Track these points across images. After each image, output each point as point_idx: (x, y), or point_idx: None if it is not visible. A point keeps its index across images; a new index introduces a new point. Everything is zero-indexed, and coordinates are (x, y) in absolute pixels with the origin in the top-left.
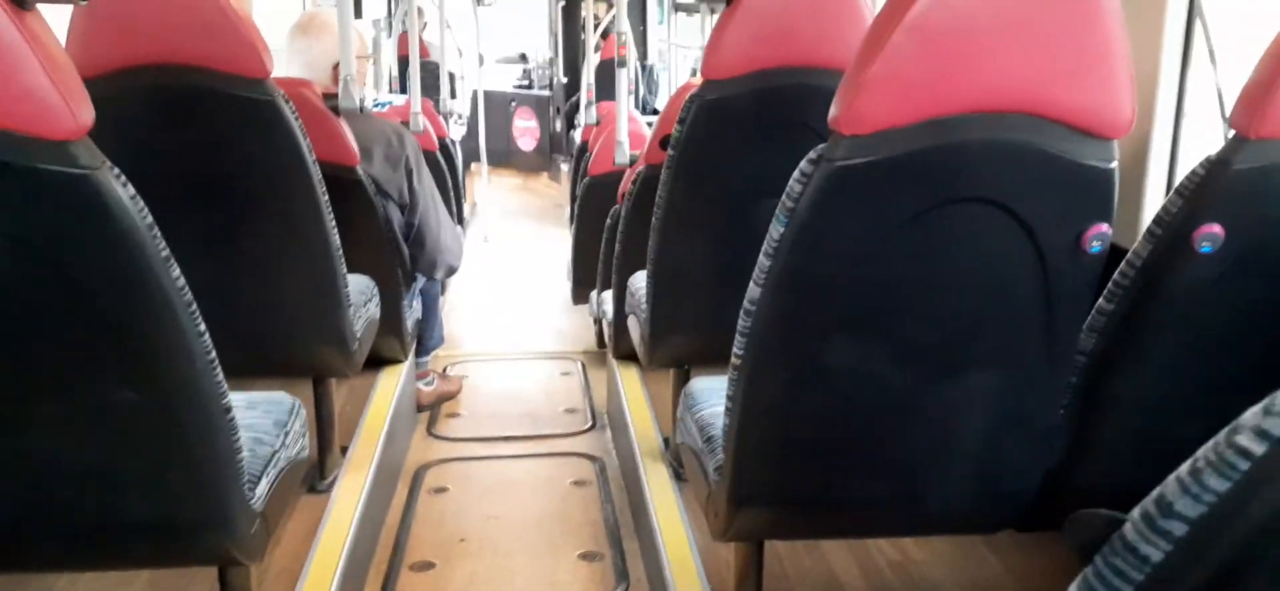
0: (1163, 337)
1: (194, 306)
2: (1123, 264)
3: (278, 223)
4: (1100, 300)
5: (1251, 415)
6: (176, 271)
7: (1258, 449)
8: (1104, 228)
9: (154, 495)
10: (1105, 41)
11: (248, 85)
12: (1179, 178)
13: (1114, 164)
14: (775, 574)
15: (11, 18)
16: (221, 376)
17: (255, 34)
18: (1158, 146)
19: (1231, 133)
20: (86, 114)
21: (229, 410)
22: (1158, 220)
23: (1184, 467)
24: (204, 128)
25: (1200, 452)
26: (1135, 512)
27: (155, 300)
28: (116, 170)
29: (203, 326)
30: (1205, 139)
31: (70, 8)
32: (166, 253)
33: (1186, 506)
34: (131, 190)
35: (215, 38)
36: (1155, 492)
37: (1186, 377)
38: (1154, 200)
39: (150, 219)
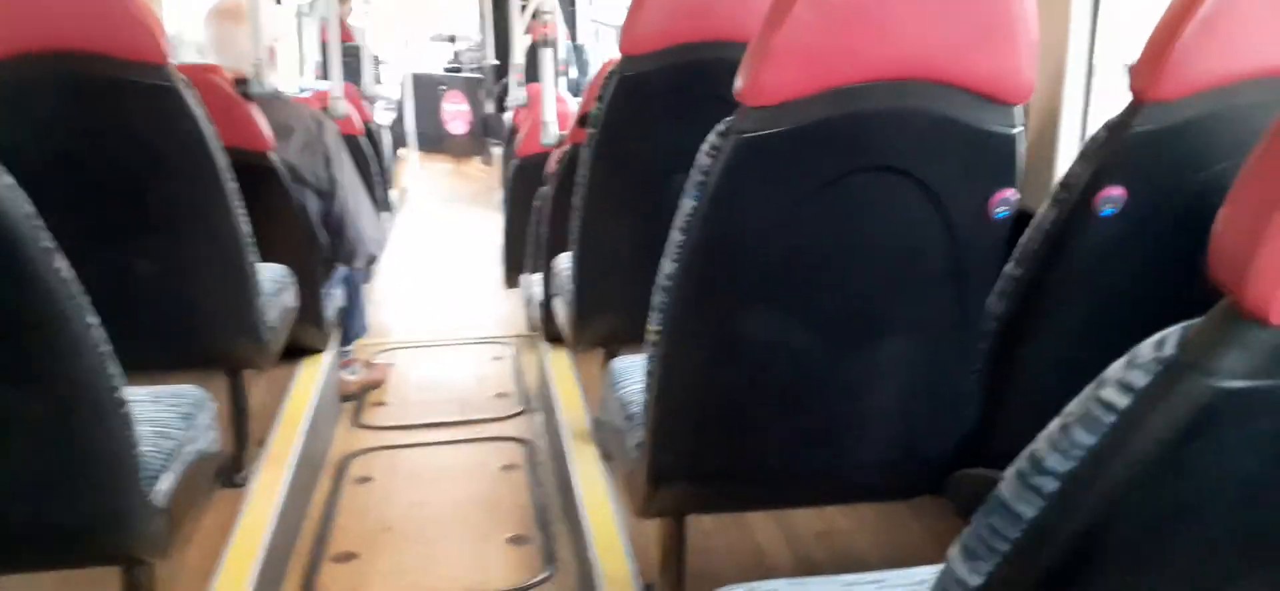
0: (1069, 300)
1: (79, 298)
2: (1029, 228)
3: (182, 211)
4: (1009, 265)
5: (1116, 368)
6: (61, 262)
7: (1121, 401)
8: (1010, 193)
9: (46, 494)
10: (1005, 8)
11: (146, 71)
12: None
13: (1017, 129)
14: (701, 549)
15: None
16: (115, 370)
17: (152, 18)
18: (1069, 114)
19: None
20: None
21: (123, 404)
22: (1063, 184)
23: (1054, 423)
24: (101, 116)
25: (1069, 407)
26: (1009, 470)
27: (36, 292)
28: None
29: (93, 318)
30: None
31: None
32: (49, 243)
33: (1056, 462)
34: (10, 179)
35: (110, 22)
36: (1027, 449)
37: (1093, 339)
38: (1065, 167)
39: (30, 208)
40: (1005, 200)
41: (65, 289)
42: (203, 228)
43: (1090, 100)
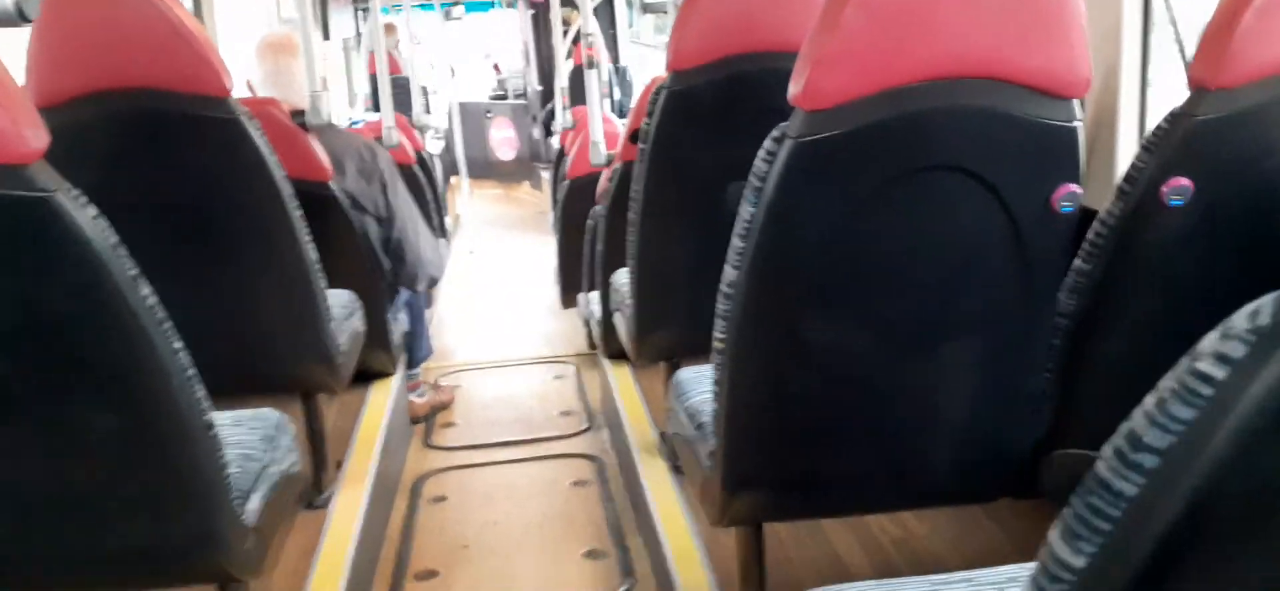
0: (1140, 293)
1: (166, 324)
2: (1095, 222)
3: (252, 241)
4: (1077, 261)
5: (1210, 340)
6: (146, 290)
7: (1219, 373)
8: (1073, 187)
9: (142, 517)
10: (1059, 1)
11: (209, 105)
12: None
13: (1077, 122)
14: (779, 558)
15: None
16: (202, 393)
17: (213, 53)
18: (1126, 106)
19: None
20: (40, 137)
21: (211, 427)
22: (1128, 177)
23: (1150, 399)
24: (169, 150)
25: (1163, 382)
26: (1107, 449)
27: (123, 319)
28: (77, 192)
29: (178, 344)
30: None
31: (27, 38)
32: (135, 272)
33: (1155, 437)
34: (94, 211)
35: (173, 59)
36: (1124, 426)
37: (1166, 331)
38: (1126, 160)
39: (115, 238)
40: (1069, 194)
41: (153, 317)
42: (272, 256)
43: (1147, 91)
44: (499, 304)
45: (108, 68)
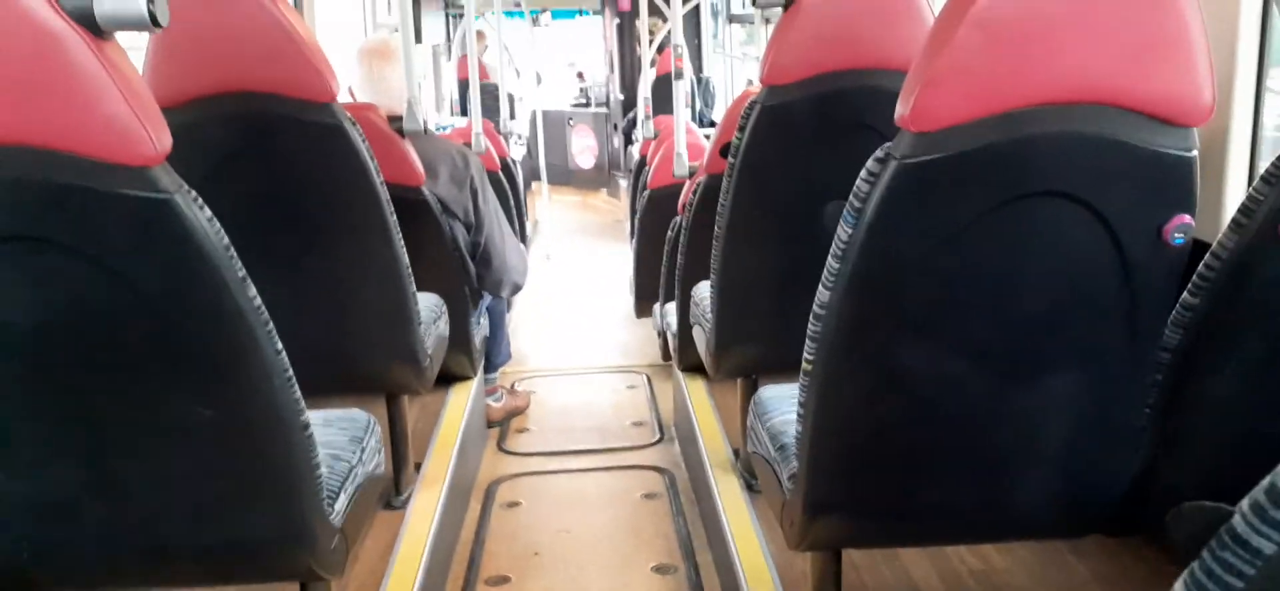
0: (1252, 332)
1: (271, 326)
2: (1207, 256)
3: (348, 243)
4: (1185, 295)
5: None
6: (253, 291)
7: None
8: (1186, 219)
9: (237, 512)
10: (1179, 25)
11: (315, 110)
12: (1262, 167)
13: (1194, 152)
14: (853, 584)
15: (92, 47)
16: (299, 394)
17: (321, 59)
18: (1238, 135)
19: None
20: (165, 140)
21: (307, 427)
22: (1243, 210)
23: None
24: (275, 153)
25: None
26: (1244, 504)
27: (233, 319)
28: (194, 194)
29: (280, 345)
30: None
31: (147, 39)
32: (243, 273)
33: None
34: (208, 213)
35: (283, 64)
36: (1265, 482)
37: (1277, 373)
38: (1235, 191)
39: (227, 240)
40: (1182, 226)
41: (259, 318)
42: (368, 259)
43: (1260, 121)
44: (574, 311)
45: (221, 70)
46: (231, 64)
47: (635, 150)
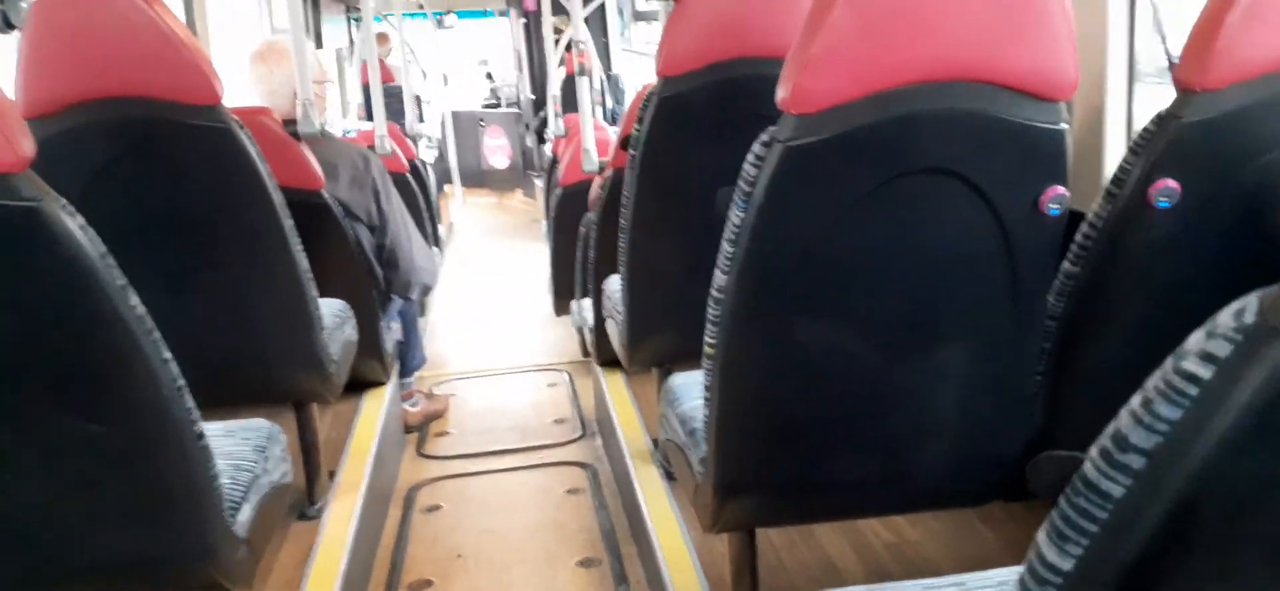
0: (1128, 295)
1: (156, 335)
2: (1083, 225)
3: (243, 249)
4: (1065, 263)
5: (1196, 339)
6: (135, 300)
7: (1204, 373)
8: (1060, 189)
9: (132, 527)
10: (1044, 3)
11: (200, 113)
12: None
13: (1063, 125)
14: (772, 564)
15: None
16: (192, 403)
17: (204, 61)
18: (1113, 108)
19: None
20: (27, 146)
21: (202, 436)
22: (1115, 179)
23: (1136, 399)
24: (160, 159)
25: (1149, 382)
26: (1093, 450)
27: (113, 329)
28: (63, 202)
29: (168, 354)
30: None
31: (15, 45)
32: (123, 282)
33: (1141, 438)
34: (81, 220)
35: (163, 67)
36: (1111, 427)
37: (1154, 333)
38: (1113, 165)
39: (103, 248)
40: (1057, 197)
41: (142, 326)
42: (264, 265)
43: (1134, 94)
44: (492, 312)
45: (97, 75)
46: (108, 68)
47: (548, 149)
